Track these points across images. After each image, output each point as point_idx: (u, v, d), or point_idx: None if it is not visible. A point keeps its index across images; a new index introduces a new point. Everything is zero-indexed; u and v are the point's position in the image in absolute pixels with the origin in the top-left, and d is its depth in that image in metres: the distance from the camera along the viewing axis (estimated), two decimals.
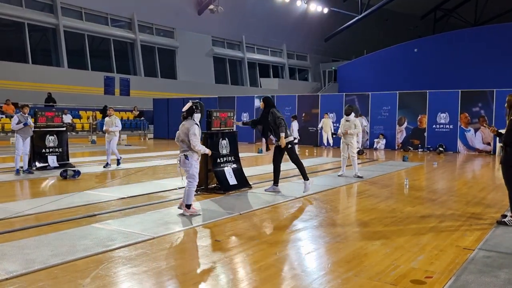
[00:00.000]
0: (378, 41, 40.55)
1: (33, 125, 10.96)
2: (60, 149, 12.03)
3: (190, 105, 6.52)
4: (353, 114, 10.70)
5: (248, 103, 23.78)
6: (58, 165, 11.59)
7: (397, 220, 6.40)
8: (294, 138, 9.01)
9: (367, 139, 20.14)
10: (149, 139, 26.58)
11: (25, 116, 10.69)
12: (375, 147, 19.74)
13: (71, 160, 12.53)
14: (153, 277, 4.10)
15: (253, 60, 39.80)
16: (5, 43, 25.98)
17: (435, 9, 45.18)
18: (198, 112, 6.51)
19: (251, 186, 8.93)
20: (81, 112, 26.03)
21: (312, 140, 21.52)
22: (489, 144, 17.71)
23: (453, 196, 8.45)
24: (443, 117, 18.59)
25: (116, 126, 12.08)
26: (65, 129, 12.68)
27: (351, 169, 10.80)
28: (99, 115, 25.94)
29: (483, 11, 40.72)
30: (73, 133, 23.36)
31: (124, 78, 29.69)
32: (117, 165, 12.09)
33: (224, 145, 8.79)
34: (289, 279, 4.11)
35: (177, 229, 5.79)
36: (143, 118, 28.24)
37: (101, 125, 25.48)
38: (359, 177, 10.35)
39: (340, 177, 10.58)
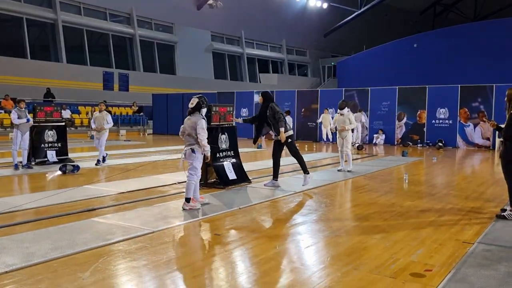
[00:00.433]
0: (377, 37, 40.48)
1: (32, 122, 10.98)
2: (59, 144, 12.01)
3: (197, 100, 6.56)
4: (347, 108, 10.71)
5: (247, 99, 23.74)
6: (57, 160, 11.59)
7: (397, 214, 6.40)
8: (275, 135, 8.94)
9: (367, 134, 20.14)
10: (148, 134, 26.55)
11: (22, 110, 10.67)
12: (374, 142, 19.73)
13: (70, 155, 12.52)
14: (152, 270, 4.11)
15: (252, 55, 39.72)
16: (4, 38, 25.88)
17: (435, 4, 45.10)
18: (204, 107, 6.62)
19: (251, 180, 8.93)
20: (80, 107, 25.99)
21: (311, 135, 21.52)
22: (488, 139, 17.72)
23: (453, 190, 8.46)
24: (443, 112, 18.58)
25: (108, 123, 11.57)
26: (64, 124, 12.64)
27: (352, 163, 10.83)
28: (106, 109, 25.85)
29: (482, 6, 40.66)
30: (72, 128, 23.32)
31: (123, 73, 29.63)
32: (102, 163, 11.58)
33: (223, 140, 8.78)
34: (289, 272, 4.12)
35: (177, 223, 5.79)
36: (142, 113, 28.20)
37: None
38: (349, 171, 10.47)
39: (339, 172, 10.59)
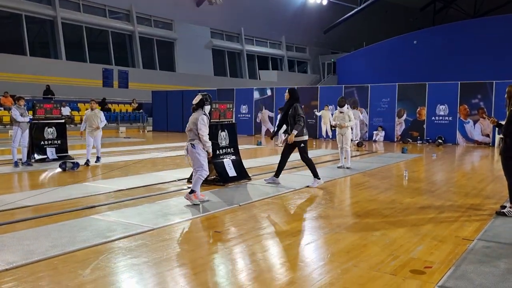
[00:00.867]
0: (377, 33, 40.42)
1: (30, 122, 11.00)
2: (59, 141, 12.01)
3: (200, 97, 6.63)
4: (347, 105, 10.74)
5: (247, 96, 23.73)
6: (57, 157, 11.59)
7: (397, 211, 6.40)
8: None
9: (366, 131, 20.14)
10: (148, 131, 26.55)
11: (22, 107, 10.67)
12: (374, 139, 19.74)
13: (70, 152, 12.51)
14: (153, 267, 4.11)
15: (252, 52, 39.67)
16: (3, 35, 25.84)
17: (435, 1, 45.01)
18: (208, 104, 6.67)
19: (251, 177, 8.93)
20: (79, 104, 25.95)
21: (311, 132, 21.48)
22: (488, 136, 17.72)
23: (452, 187, 8.46)
24: (442, 109, 18.58)
25: (101, 121, 11.18)
26: (63, 121, 12.63)
27: (352, 160, 10.84)
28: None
29: (482, 3, 40.59)
30: (72, 126, 23.30)
31: (122, 70, 29.57)
32: (96, 162, 11.21)
33: (223, 137, 8.78)
34: (289, 269, 4.12)
35: (177, 220, 5.79)
36: (141, 110, 28.17)
37: None
38: (347, 168, 10.50)
39: (339, 168, 10.59)
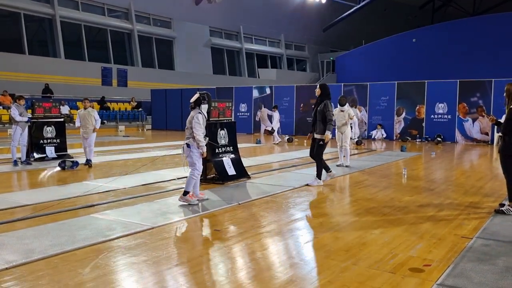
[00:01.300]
0: (376, 31, 40.40)
1: (29, 122, 10.98)
2: (58, 140, 12.00)
3: (197, 96, 6.62)
4: (347, 104, 10.77)
5: (246, 94, 23.72)
6: (56, 156, 11.58)
7: (396, 209, 6.42)
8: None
9: (365, 130, 20.15)
10: (147, 130, 26.54)
11: (21, 107, 10.67)
12: (373, 137, 19.75)
13: (69, 151, 12.50)
14: (152, 266, 4.12)
15: (251, 50, 39.64)
16: (1, 34, 25.78)
17: None
18: (205, 103, 6.63)
19: (250, 176, 8.94)
20: (78, 103, 25.88)
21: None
22: (487, 134, 17.74)
23: (451, 185, 8.48)
24: (441, 107, 18.59)
25: (96, 120, 10.60)
26: (63, 120, 12.61)
27: (351, 158, 10.85)
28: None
29: (481, 1, 40.56)
30: (71, 124, 23.27)
31: (121, 68, 29.55)
32: (86, 164, 10.50)
33: (222, 136, 8.78)
34: (288, 268, 4.13)
35: (176, 219, 5.81)
36: (141, 109, 28.15)
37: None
38: (346, 166, 10.51)
39: (338, 167, 10.60)
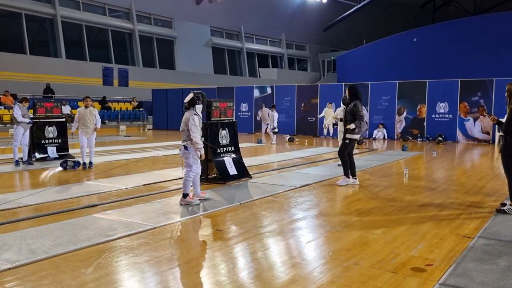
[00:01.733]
0: (377, 31, 40.34)
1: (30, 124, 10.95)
2: (59, 140, 12.01)
3: (191, 96, 6.54)
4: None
5: (247, 94, 23.74)
6: (57, 156, 11.60)
7: (397, 209, 6.42)
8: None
9: (366, 129, 20.12)
10: (148, 129, 26.57)
11: (24, 108, 10.69)
12: (374, 137, 19.75)
13: (71, 151, 12.51)
14: (154, 266, 4.13)
15: (252, 50, 39.64)
16: (3, 34, 25.81)
17: None
18: (199, 103, 6.54)
19: (251, 176, 8.94)
20: (79, 103, 25.89)
21: (311, 130, 21.53)
22: (488, 133, 17.74)
23: (453, 185, 8.48)
24: (442, 107, 18.59)
25: (97, 119, 10.28)
26: (64, 120, 12.62)
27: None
28: (97, 106, 25.89)
29: (482, 0, 40.51)
30: (72, 124, 23.30)
31: (122, 68, 29.56)
32: (88, 167, 10.17)
33: (224, 135, 8.78)
34: (290, 267, 4.14)
35: (178, 219, 5.82)
36: (142, 109, 28.18)
37: (100, 116, 25.44)
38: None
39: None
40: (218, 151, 8.55)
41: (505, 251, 4.55)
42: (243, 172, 8.87)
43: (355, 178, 8.41)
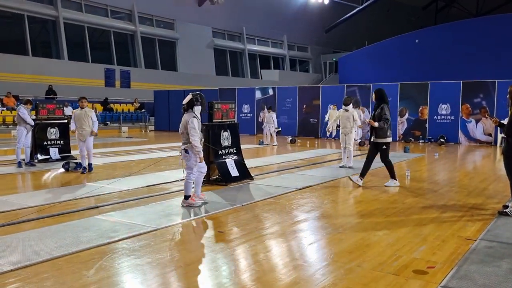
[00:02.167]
0: (379, 32, 40.35)
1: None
2: (61, 142, 12.03)
3: (190, 97, 6.46)
4: (351, 105, 10.72)
5: (249, 95, 23.75)
6: (60, 158, 11.62)
7: (399, 211, 6.41)
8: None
9: (368, 131, 20.09)
10: (150, 131, 26.59)
11: (28, 110, 10.75)
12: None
13: (73, 152, 12.52)
14: (156, 268, 4.13)
15: (253, 51, 39.66)
16: (5, 35, 25.88)
17: (437, 0, 44.90)
18: (198, 104, 6.46)
19: (253, 177, 8.94)
20: None
21: (313, 131, 21.52)
22: (490, 135, 17.70)
23: (455, 187, 8.47)
24: (444, 108, 18.57)
25: (94, 121, 9.72)
26: (66, 121, 12.64)
27: (354, 160, 10.84)
28: (99, 107, 25.94)
29: (484, 2, 40.48)
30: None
31: (124, 70, 29.61)
32: (88, 171, 9.74)
33: (225, 137, 8.78)
34: (292, 270, 4.13)
35: (180, 220, 5.82)
36: (143, 110, 28.22)
37: (102, 118, 25.48)
38: (350, 168, 10.48)
39: (341, 168, 10.59)
40: (220, 152, 8.56)
41: (507, 253, 4.54)
42: (244, 173, 8.87)
43: (362, 178, 8.40)
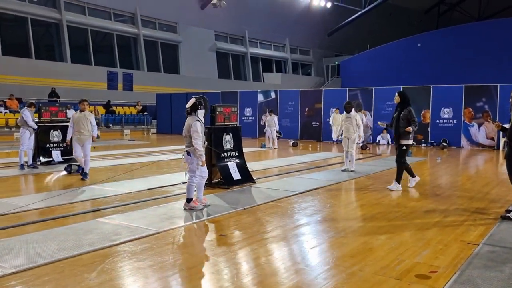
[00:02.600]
0: (381, 36, 40.37)
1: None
2: (64, 144, 12.03)
3: (193, 101, 6.46)
4: (353, 109, 10.72)
5: (251, 98, 23.76)
6: (62, 160, 11.63)
7: (402, 215, 6.40)
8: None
9: (370, 134, 20.11)
10: (152, 134, 26.62)
11: (32, 112, 10.78)
12: (377, 140, 19.69)
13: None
14: (158, 271, 4.13)
15: (256, 54, 39.71)
16: (8, 38, 25.94)
17: (439, 4, 44.93)
18: (202, 108, 6.46)
19: (255, 181, 8.94)
20: None
21: (315, 135, 21.50)
22: (492, 139, 17.66)
23: (457, 191, 8.45)
24: (447, 112, 18.54)
25: (93, 125, 9.38)
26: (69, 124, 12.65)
27: (356, 163, 10.83)
28: (102, 110, 26.00)
29: (487, 6, 40.50)
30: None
31: (127, 73, 29.69)
32: (84, 178, 9.15)
33: (227, 140, 8.79)
34: (294, 273, 4.12)
35: (182, 223, 5.82)
36: (146, 113, 28.27)
37: (105, 120, 25.55)
38: (352, 171, 10.49)
39: (343, 172, 10.57)
40: (222, 155, 8.56)
41: (510, 258, 4.52)
42: (246, 177, 8.87)
43: (399, 183, 8.41)
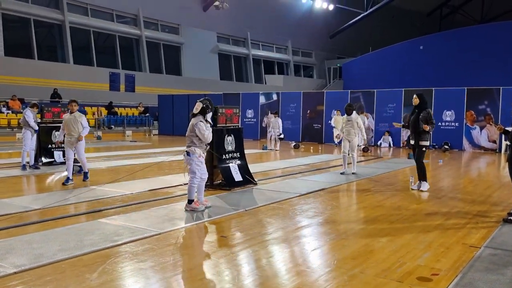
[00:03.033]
0: (383, 38, 40.39)
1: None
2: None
3: (201, 105, 6.47)
4: (354, 112, 10.68)
5: (253, 100, 23.76)
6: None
7: (403, 217, 6.39)
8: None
9: (372, 136, 20.09)
10: (154, 135, 26.64)
11: (34, 113, 10.80)
12: (379, 142, 19.68)
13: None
14: (159, 272, 4.13)
15: (258, 56, 39.75)
16: (11, 39, 26.01)
17: (441, 6, 44.97)
18: (209, 111, 6.58)
19: (256, 182, 8.93)
20: (86, 108, 26.05)
21: (317, 137, 21.50)
22: (494, 142, 17.63)
23: (459, 194, 8.43)
24: (449, 115, 18.51)
25: (84, 127, 8.83)
26: None
27: (357, 166, 10.82)
28: (104, 111, 26.04)
29: (489, 8, 40.49)
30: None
31: (129, 74, 29.74)
32: (84, 179, 9.04)
33: (229, 142, 8.79)
34: (295, 275, 4.12)
35: (183, 225, 5.82)
36: (148, 114, 28.30)
37: (107, 121, 25.58)
38: (353, 174, 10.50)
39: (342, 175, 10.48)
40: (223, 157, 8.56)
41: None
42: (248, 178, 8.86)
43: (426, 181, 8.65)
